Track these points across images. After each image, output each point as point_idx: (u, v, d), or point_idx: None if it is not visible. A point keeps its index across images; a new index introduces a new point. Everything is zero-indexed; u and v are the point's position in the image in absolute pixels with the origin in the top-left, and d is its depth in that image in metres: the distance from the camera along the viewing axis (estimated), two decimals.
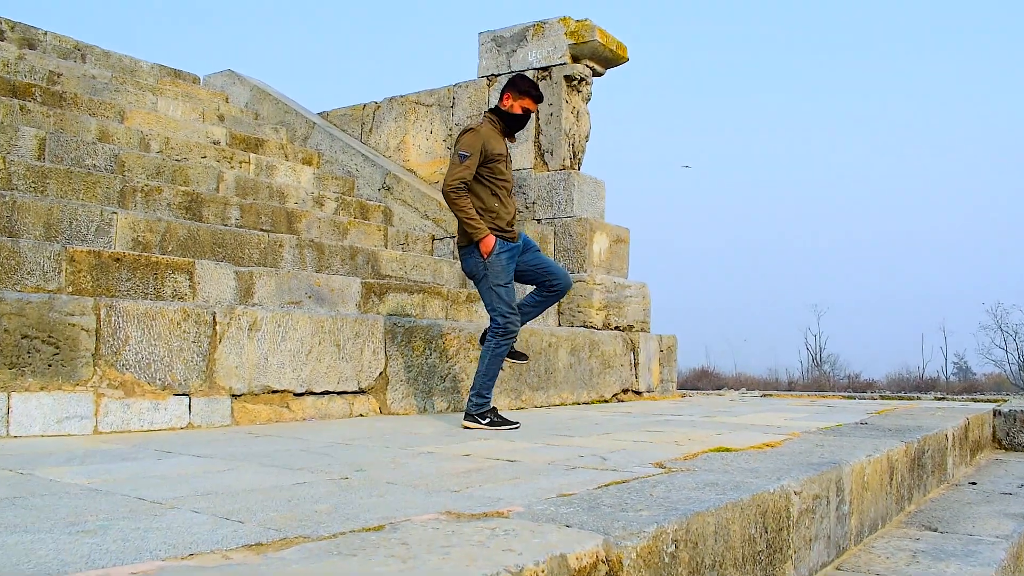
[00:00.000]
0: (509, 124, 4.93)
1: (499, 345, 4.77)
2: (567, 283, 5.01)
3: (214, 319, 4.35)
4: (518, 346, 5.40)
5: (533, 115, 8.40)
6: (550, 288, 5.02)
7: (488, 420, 4.71)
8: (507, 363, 6.06)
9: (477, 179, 4.80)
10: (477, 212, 4.75)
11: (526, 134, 8.48)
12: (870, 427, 5.33)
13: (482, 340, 4.93)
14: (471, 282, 7.89)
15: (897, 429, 5.08)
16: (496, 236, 4.78)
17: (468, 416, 4.72)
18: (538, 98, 4.93)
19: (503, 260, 4.79)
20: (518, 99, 4.90)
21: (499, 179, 4.84)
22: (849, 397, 10.47)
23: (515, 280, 4.92)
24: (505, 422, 4.72)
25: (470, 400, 4.79)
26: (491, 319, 4.83)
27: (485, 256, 4.73)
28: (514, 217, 4.98)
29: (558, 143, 8.32)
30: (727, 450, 3.76)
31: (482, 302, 5.23)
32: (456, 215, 4.78)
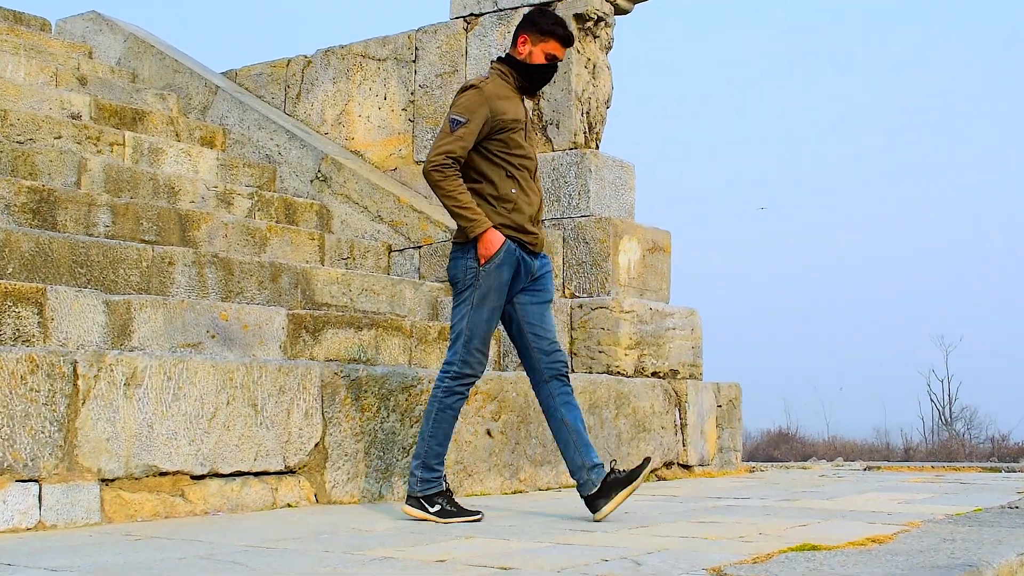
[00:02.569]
0: (528, 78, 4.98)
1: (448, 394, 4.83)
2: (561, 366, 4.97)
3: (75, 371, 4.34)
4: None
5: None
6: (535, 368, 4.99)
7: (438, 508, 4.74)
8: (491, 436, 6.08)
9: (485, 156, 4.86)
10: (488, 201, 4.82)
11: None
12: (1022, 512, 5.33)
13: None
14: (445, 312, 7.92)
15: None
16: (508, 236, 4.82)
17: (410, 498, 4.79)
18: (566, 39, 4.98)
19: (503, 275, 4.82)
20: (539, 42, 4.95)
21: (516, 155, 4.90)
22: (993, 469, 10.47)
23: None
24: (461, 512, 4.75)
25: (412, 475, 4.83)
26: (449, 352, 4.86)
27: (482, 260, 4.78)
28: (540, 211, 5.02)
29: (567, 111, 8.36)
30: (815, 548, 3.76)
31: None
32: (442, 203, 4.82)
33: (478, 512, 4.77)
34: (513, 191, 4.86)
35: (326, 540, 3.96)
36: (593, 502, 4.77)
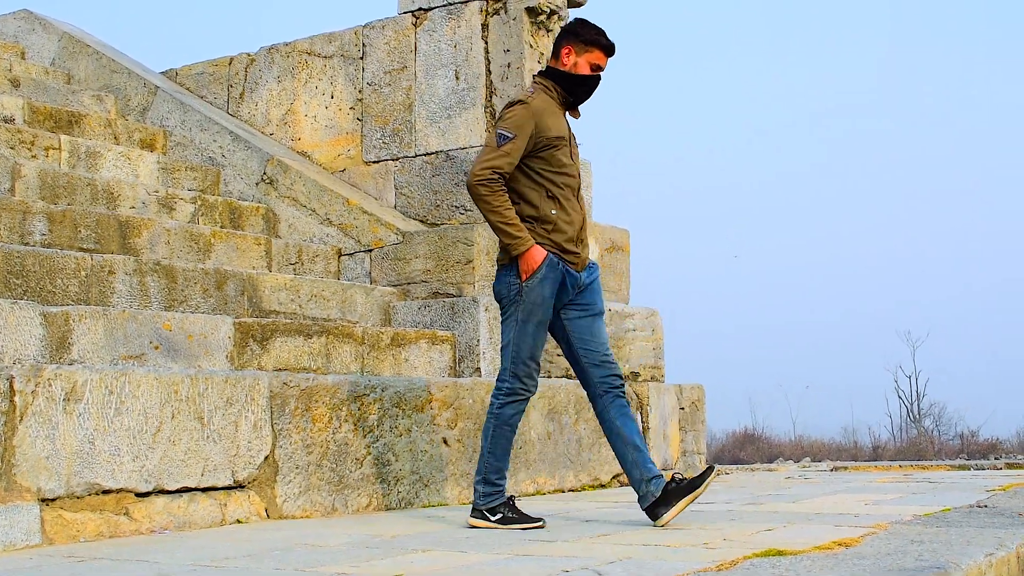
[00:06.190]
0: (571, 91, 5.08)
1: (503, 407, 4.99)
2: (616, 379, 5.16)
3: (11, 387, 4.31)
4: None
5: (483, 67, 8.48)
6: (589, 383, 5.16)
7: (499, 516, 4.91)
8: (447, 444, 6.09)
9: (526, 175, 4.97)
10: (527, 222, 4.94)
11: (472, 94, 8.52)
12: (991, 511, 5.40)
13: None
14: (397, 317, 7.92)
15: None
16: (550, 253, 4.94)
17: (474, 511, 4.97)
18: (610, 48, 5.09)
19: (545, 290, 4.94)
20: (584, 52, 5.05)
21: (559, 173, 5.00)
22: (961, 467, 10.59)
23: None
24: (523, 518, 4.89)
25: (475, 489, 5.03)
26: (501, 369, 5.03)
27: (524, 276, 4.90)
28: (583, 231, 5.13)
29: None
30: (781, 553, 3.79)
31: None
32: (486, 218, 4.95)
33: (539, 519, 4.91)
34: (553, 212, 4.97)
35: (278, 557, 3.95)
36: (654, 510, 4.89)
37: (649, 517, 4.90)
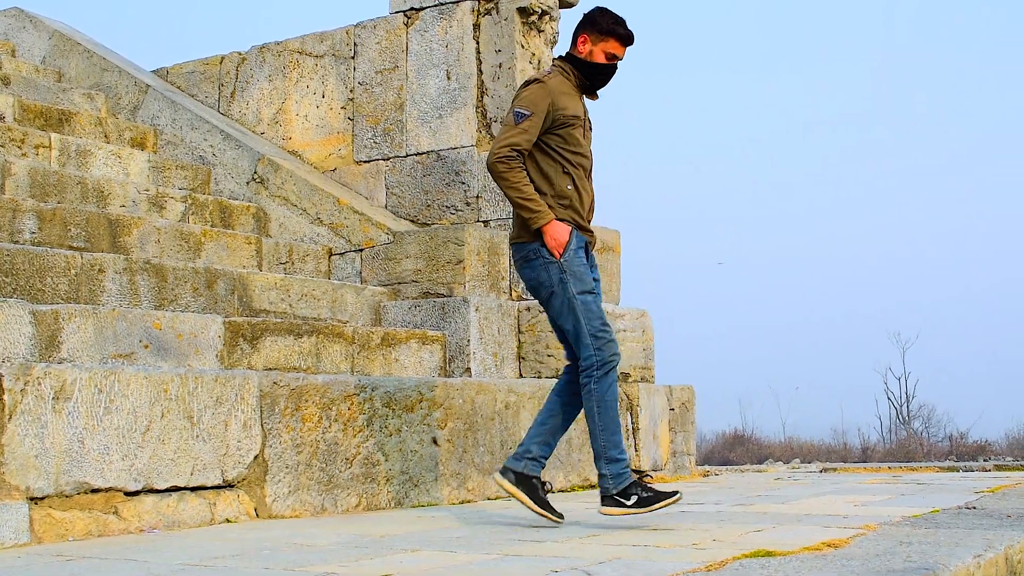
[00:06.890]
0: (588, 76, 5.16)
1: (601, 383, 4.90)
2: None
3: (1, 385, 4.30)
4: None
5: (475, 67, 8.49)
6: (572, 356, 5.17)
7: (635, 499, 4.80)
8: (437, 444, 6.08)
9: (543, 150, 5.04)
10: (543, 195, 4.99)
11: (464, 94, 8.53)
12: (980, 512, 5.41)
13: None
14: (388, 317, 7.91)
15: (1021, 515, 5.16)
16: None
17: (606, 499, 4.87)
18: (627, 38, 5.14)
19: (582, 259, 4.99)
20: (599, 41, 5.12)
21: (574, 151, 5.08)
22: (950, 469, 10.62)
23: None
24: (661, 496, 4.81)
25: (601, 476, 4.92)
26: (581, 351, 4.96)
27: (557, 253, 4.92)
28: (591, 211, 5.21)
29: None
30: (770, 554, 3.79)
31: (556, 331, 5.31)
32: (506, 195, 5.01)
33: (676, 491, 4.87)
34: (569, 187, 5.04)
35: (267, 556, 3.95)
36: (507, 471, 5.06)
37: (502, 469, 5.09)
